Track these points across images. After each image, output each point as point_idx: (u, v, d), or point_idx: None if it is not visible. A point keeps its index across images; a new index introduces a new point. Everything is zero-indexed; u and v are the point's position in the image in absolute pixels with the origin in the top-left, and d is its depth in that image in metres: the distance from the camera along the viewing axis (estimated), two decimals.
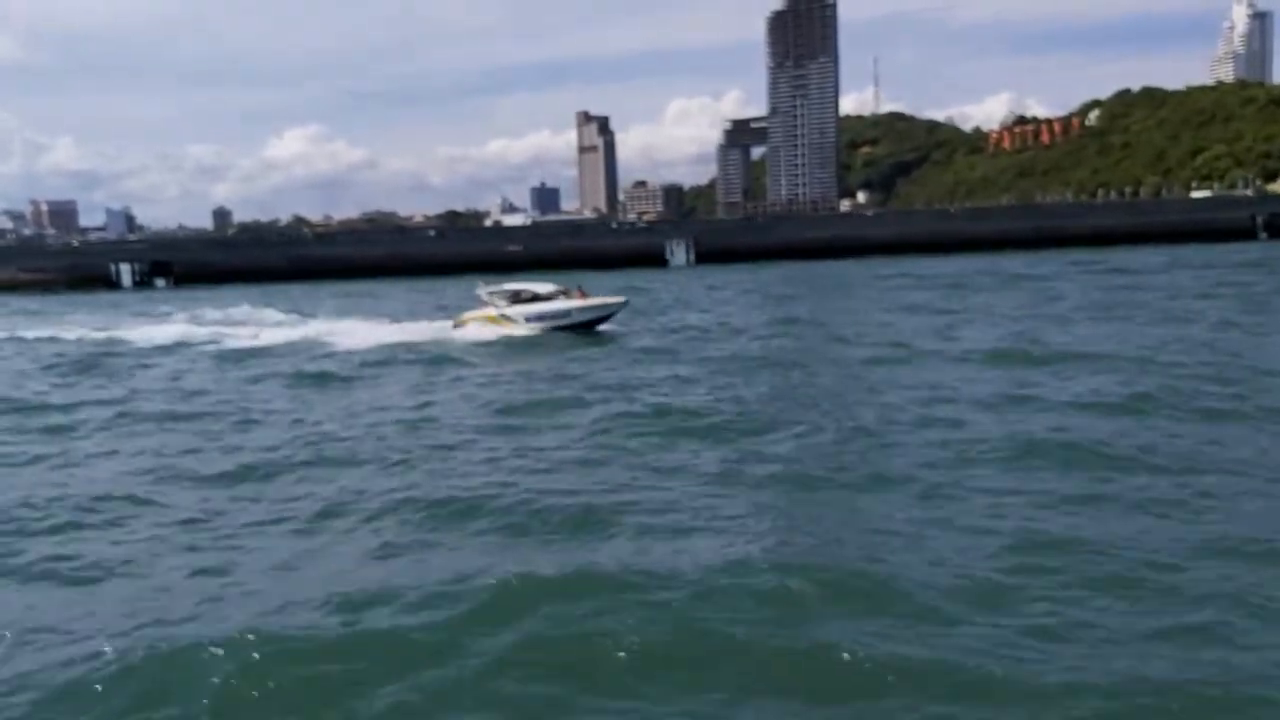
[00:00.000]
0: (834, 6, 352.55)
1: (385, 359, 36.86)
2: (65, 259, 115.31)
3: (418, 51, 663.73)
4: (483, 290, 45.02)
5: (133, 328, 53.37)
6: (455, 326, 44.41)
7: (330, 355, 38.67)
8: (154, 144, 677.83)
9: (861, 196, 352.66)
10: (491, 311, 43.63)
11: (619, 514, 15.24)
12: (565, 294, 43.74)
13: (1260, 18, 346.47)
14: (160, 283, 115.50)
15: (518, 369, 33.87)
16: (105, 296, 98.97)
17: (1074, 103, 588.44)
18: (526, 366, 34.29)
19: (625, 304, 45.08)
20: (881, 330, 39.46)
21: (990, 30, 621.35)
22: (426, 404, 26.91)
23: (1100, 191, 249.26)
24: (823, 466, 17.92)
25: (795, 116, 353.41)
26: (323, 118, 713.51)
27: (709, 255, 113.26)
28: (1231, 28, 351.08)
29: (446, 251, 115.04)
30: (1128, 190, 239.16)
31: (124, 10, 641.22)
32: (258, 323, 52.66)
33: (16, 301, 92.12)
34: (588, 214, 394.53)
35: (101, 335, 50.72)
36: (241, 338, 46.24)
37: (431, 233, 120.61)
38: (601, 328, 44.22)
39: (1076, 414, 21.43)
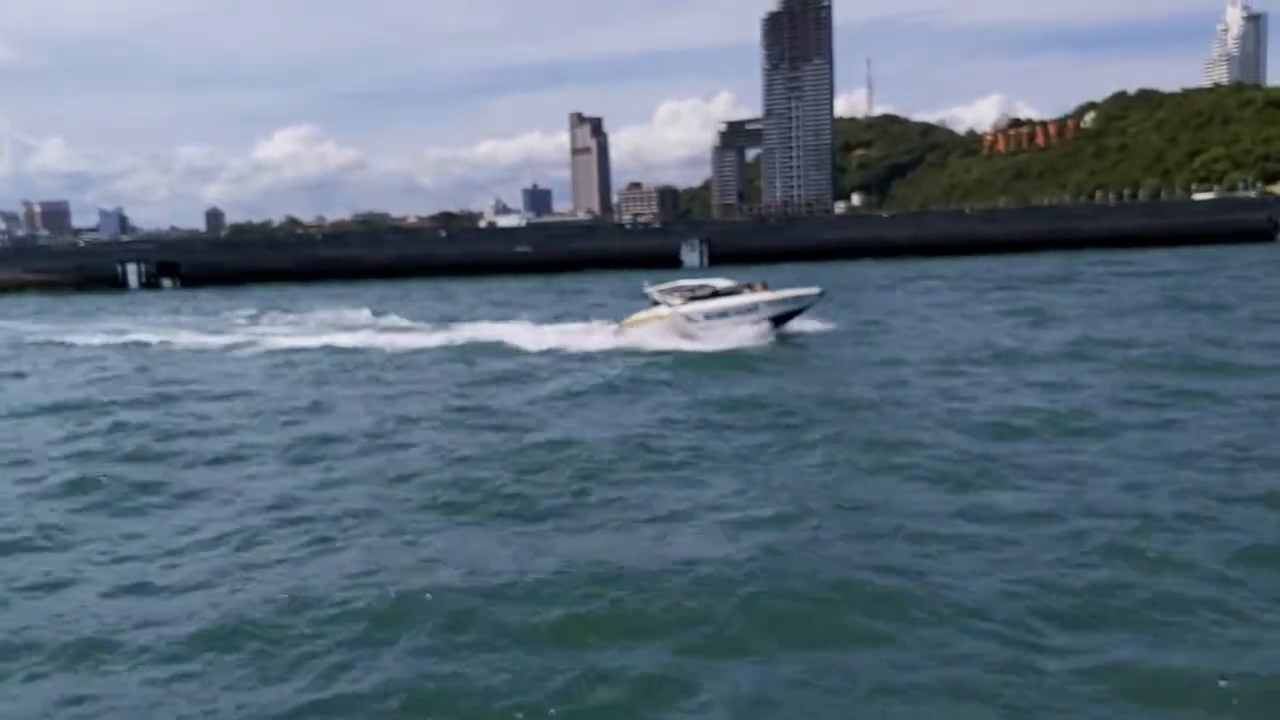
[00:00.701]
0: (829, 8, 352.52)
1: (633, 373, 32.21)
2: (72, 259, 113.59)
3: (408, 53, 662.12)
4: (652, 289, 41.08)
5: (271, 334, 49.56)
6: (620, 330, 40.37)
7: (587, 362, 34.92)
8: (145, 145, 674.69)
9: (856, 199, 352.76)
10: (666, 311, 39.45)
11: None
12: (749, 288, 39.82)
13: (1254, 20, 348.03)
14: (167, 283, 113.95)
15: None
16: (129, 298, 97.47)
17: (1063, 105, 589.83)
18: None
19: (821, 295, 40.73)
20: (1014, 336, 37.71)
21: (980, 34, 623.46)
22: None
23: (1099, 193, 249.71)
24: None
25: (790, 118, 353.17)
26: (313, 119, 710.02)
27: (722, 257, 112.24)
28: (1225, 30, 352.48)
29: (456, 253, 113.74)
30: (1126, 193, 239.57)
31: (114, 12, 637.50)
32: (396, 327, 49.45)
33: (32, 302, 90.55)
34: (581, 215, 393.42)
35: (262, 341, 46.48)
36: (411, 342, 42.56)
37: (442, 234, 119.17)
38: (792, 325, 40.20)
39: None
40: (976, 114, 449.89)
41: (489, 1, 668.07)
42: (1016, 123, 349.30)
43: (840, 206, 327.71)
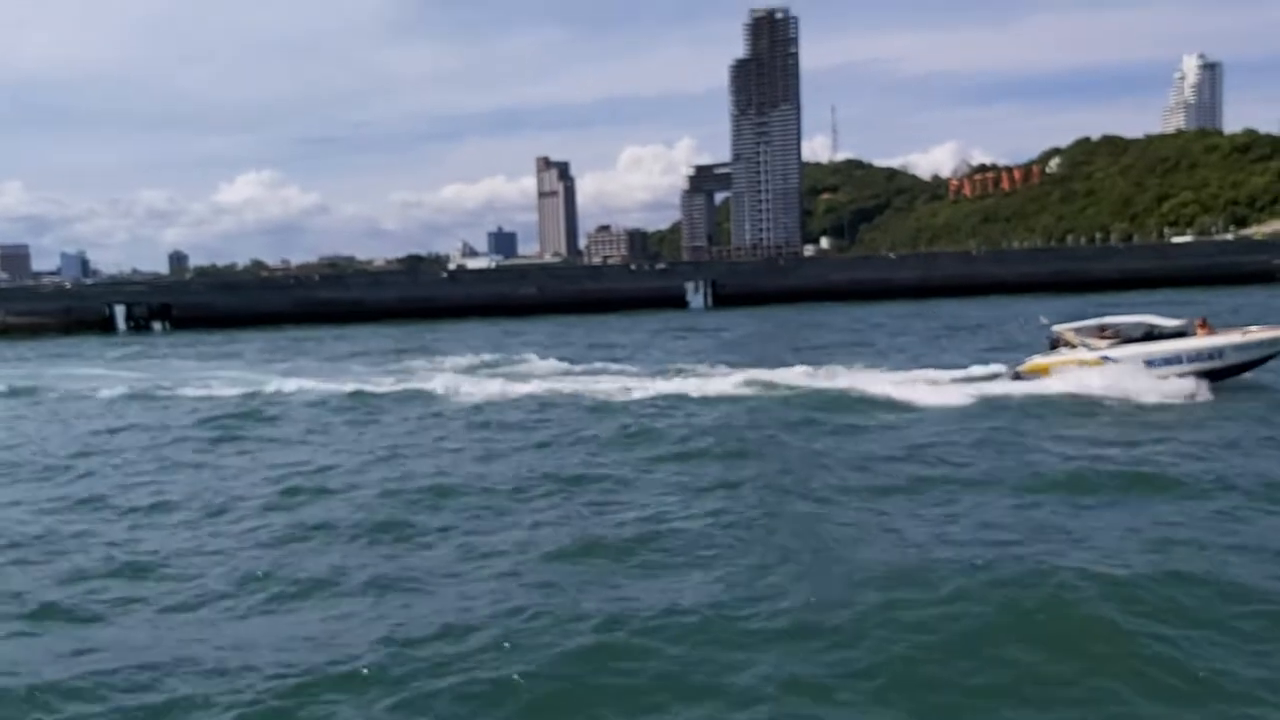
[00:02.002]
0: (796, 55, 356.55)
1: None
2: (59, 301, 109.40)
3: (368, 99, 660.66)
4: (1062, 328, 34.06)
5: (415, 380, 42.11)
6: (1016, 376, 33.73)
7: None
8: (104, 189, 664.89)
9: (825, 242, 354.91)
10: (1086, 355, 32.52)
11: None
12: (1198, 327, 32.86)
13: (1210, 68, 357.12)
14: (157, 326, 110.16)
15: None
16: (146, 341, 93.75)
17: (1017, 152, 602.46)
18: None
19: None
20: None
21: (935, 82, 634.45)
22: None
23: (1069, 237, 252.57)
24: None
25: (759, 163, 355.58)
26: (274, 163, 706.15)
27: (729, 298, 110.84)
28: (1183, 78, 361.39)
29: (459, 294, 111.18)
30: (1098, 236, 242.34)
31: (73, 56, 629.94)
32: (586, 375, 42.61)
33: (12, 349, 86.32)
34: (549, 258, 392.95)
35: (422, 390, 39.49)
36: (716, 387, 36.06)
37: (444, 275, 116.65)
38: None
39: None
40: (933, 160, 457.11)
41: (448, 48, 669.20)
42: (982, 168, 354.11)
43: (809, 249, 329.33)
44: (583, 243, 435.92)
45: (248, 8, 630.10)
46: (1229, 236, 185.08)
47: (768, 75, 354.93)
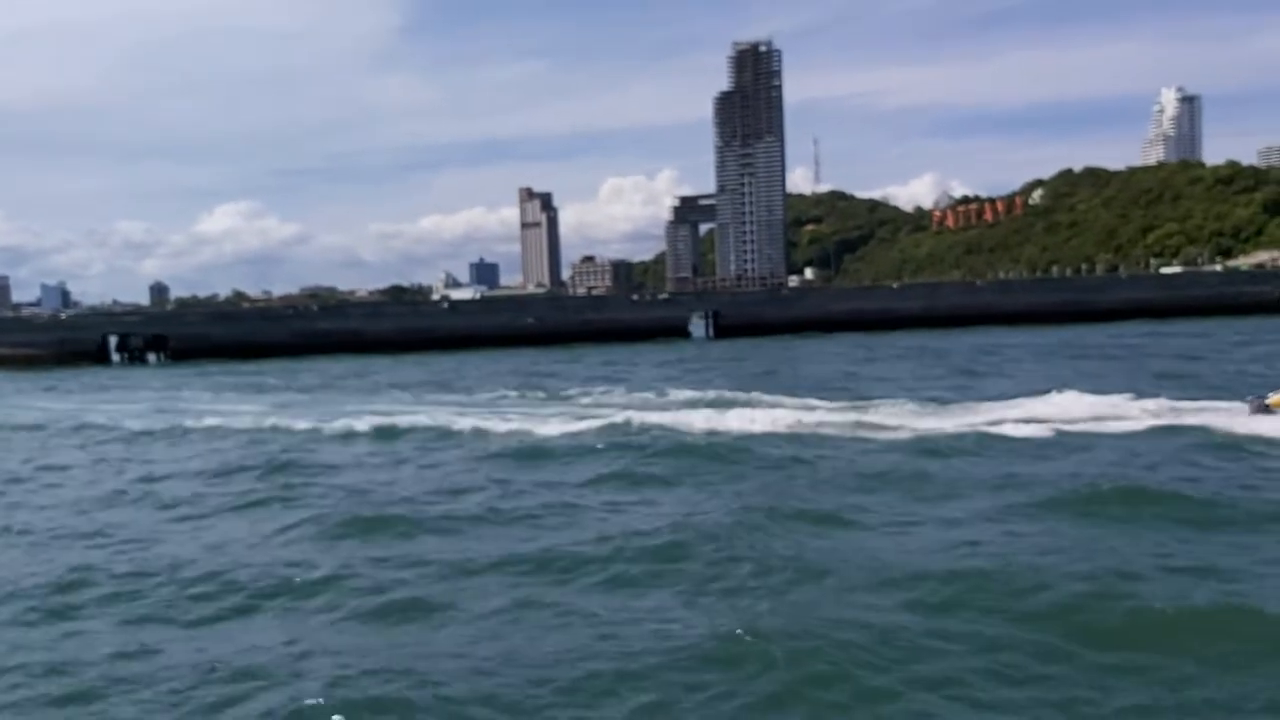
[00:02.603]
0: (779, 88, 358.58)
1: None
2: (53, 333, 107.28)
3: (347, 130, 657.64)
4: None
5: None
6: (1258, 409, 30.52)
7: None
8: (82, 219, 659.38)
9: (810, 273, 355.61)
10: None
11: None
12: None
13: (1189, 101, 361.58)
14: (152, 358, 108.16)
15: None
16: (131, 374, 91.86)
17: (997, 184, 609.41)
18: None
19: None
20: None
21: (914, 116, 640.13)
22: None
23: (1054, 268, 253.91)
24: None
25: (743, 194, 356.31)
26: (253, 194, 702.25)
27: (731, 329, 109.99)
28: (1161, 111, 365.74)
29: (460, 324, 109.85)
30: (1084, 267, 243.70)
31: (50, 86, 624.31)
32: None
33: (11, 382, 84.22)
34: (532, 288, 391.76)
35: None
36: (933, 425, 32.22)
37: (445, 305, 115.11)
38: None
39: None
40: (912, 192, 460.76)
41: (429, 80, 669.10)
42: (965, 199, 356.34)
43: (794, 280, 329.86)
44: (566, 273, 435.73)
45: (228, 39, 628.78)
46: (1218, 268, 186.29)
47: (752, 107, 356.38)
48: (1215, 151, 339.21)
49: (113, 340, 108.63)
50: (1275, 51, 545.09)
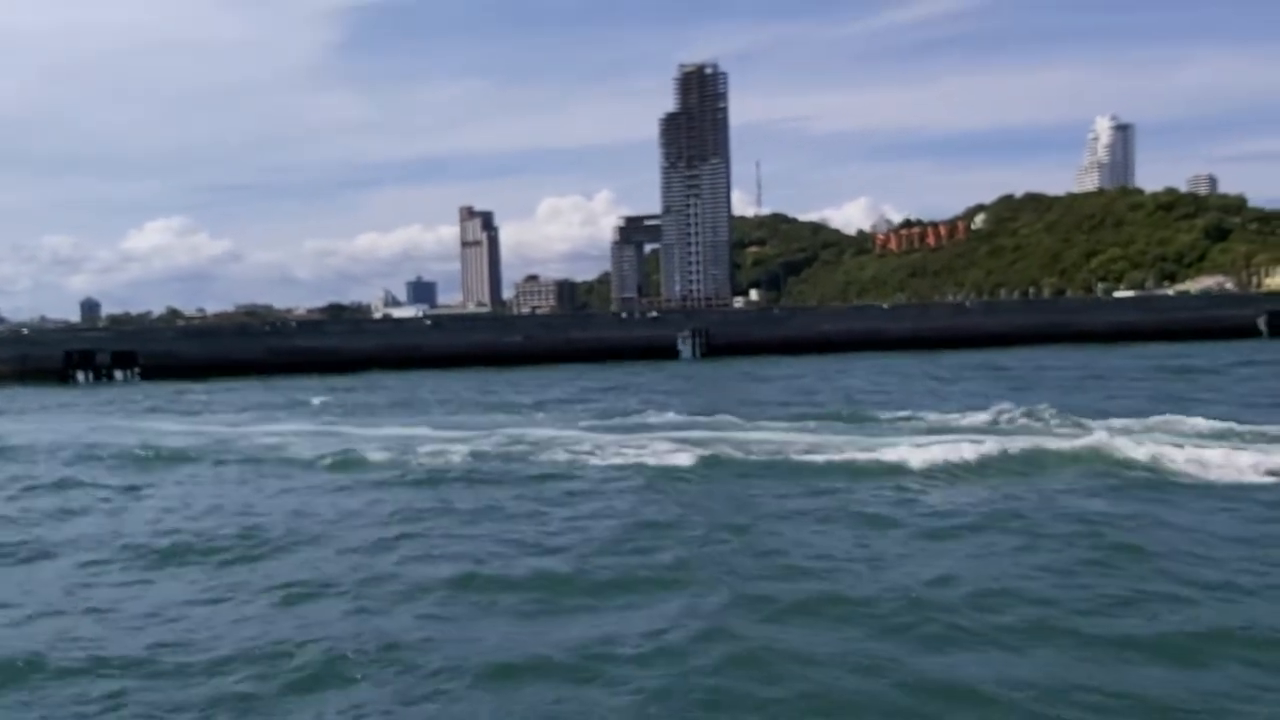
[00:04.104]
0: (725, 110, 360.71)
1: None
2: (14, 348, 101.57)
3: (280, 146, 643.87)
4: None
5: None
6: None
7: None
8: (6, 234, 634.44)
9: (755, 294, 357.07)
10: None
11: None
12: None
13: (1122, 129, 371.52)
14: (119, 375, 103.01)
15: None
16: (95, 393, 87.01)
17: (928, 208, 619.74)
18: None
19: None
20: None
21: (848, 140, 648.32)
22: None
23: (1002, 291, 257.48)
24: None
25: (689, 215, 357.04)
26: (184, 209, 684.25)
27: (720, 348, 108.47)
28: (1096, 139, 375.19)
29: (442, 343, 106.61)
30: (1031, 290, 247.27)
31: None
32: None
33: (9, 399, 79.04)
34: (473, 307, 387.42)
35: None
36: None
37: (427, 322, 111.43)
38: None
39: None
40: (846, 215, 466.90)
41: (366, 97, 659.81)
42: (907, 223, 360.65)
43: (739, 301, 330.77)
44: (506, 292, 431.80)
45: (161, 53, 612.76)
46: (1170, 291, 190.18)
47: (698, 129, 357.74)
48: (1146, 179, 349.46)
49: (76, 357, 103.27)
50: (1201, 82, 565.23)
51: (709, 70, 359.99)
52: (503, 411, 49.87)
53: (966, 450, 27.97)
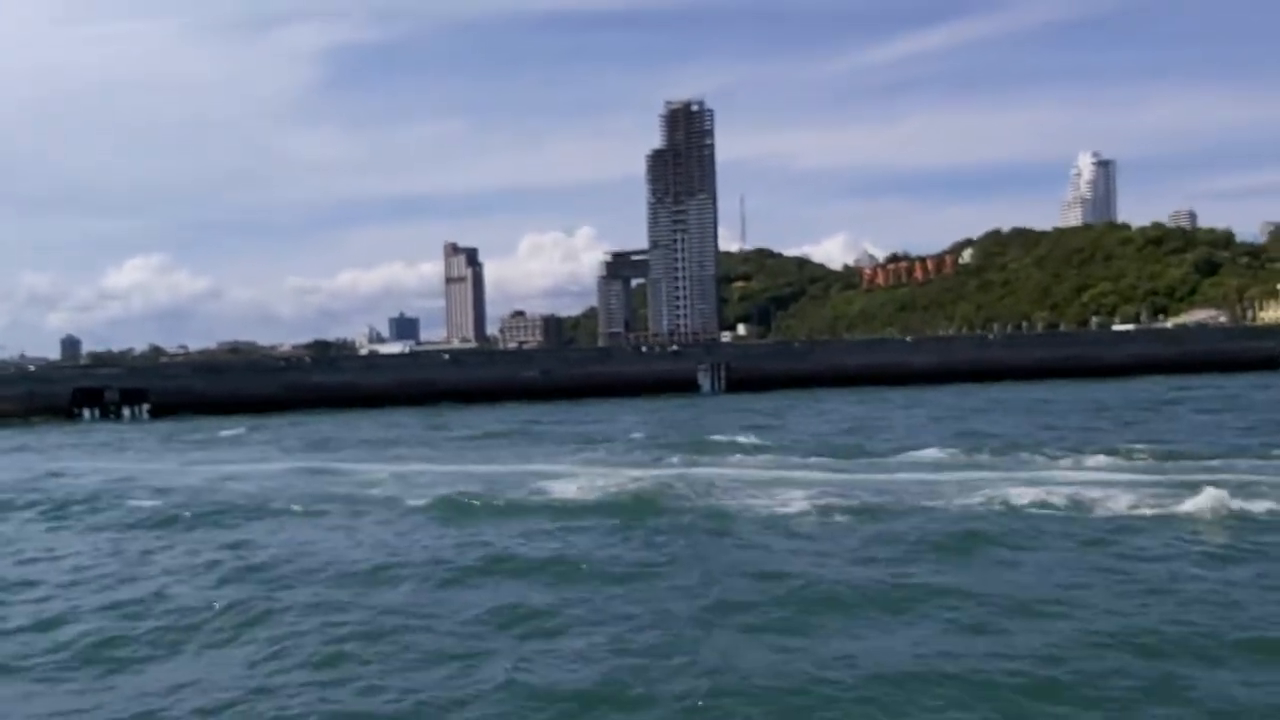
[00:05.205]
0: (712, 146, 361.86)
1: None
2: (20, 387, 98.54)
3: (261, 184, 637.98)
4: None
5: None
6: None
7: None
8: None
9: (742, 328, 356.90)
10: None
11: None
12: None
13: (1104, 165, 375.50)
14: (127, 412, 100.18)
15: None
16: (102, 430, 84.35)
17: (908, 244, 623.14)
18: None
19: None
20: None
21: (826, 177, 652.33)
22: None
23: (995, 326, 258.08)
24: None
25: (676, 250, 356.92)
26: (164, 247, 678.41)
27: (742, 383, 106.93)
28: (1079, 174, 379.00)
29: (460, 378, 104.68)
30: (1025, 325, 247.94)
31: None
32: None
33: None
34: (457, 343, 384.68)
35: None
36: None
37: (445, 357, 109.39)
38: None
39: None
40: (825, 251, 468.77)
41: (347, 134, 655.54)
42: (894, 258, 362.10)
43: (727, 336, 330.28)
44: (490, 328, 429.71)
45: (141, 90, 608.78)
46: (1168, 324, 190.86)
47: (684, 165, 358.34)
48: (1127, 214, 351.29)
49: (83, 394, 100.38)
50: (1174, 120, 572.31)
51: (695, 107, 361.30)
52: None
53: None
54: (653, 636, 16.44)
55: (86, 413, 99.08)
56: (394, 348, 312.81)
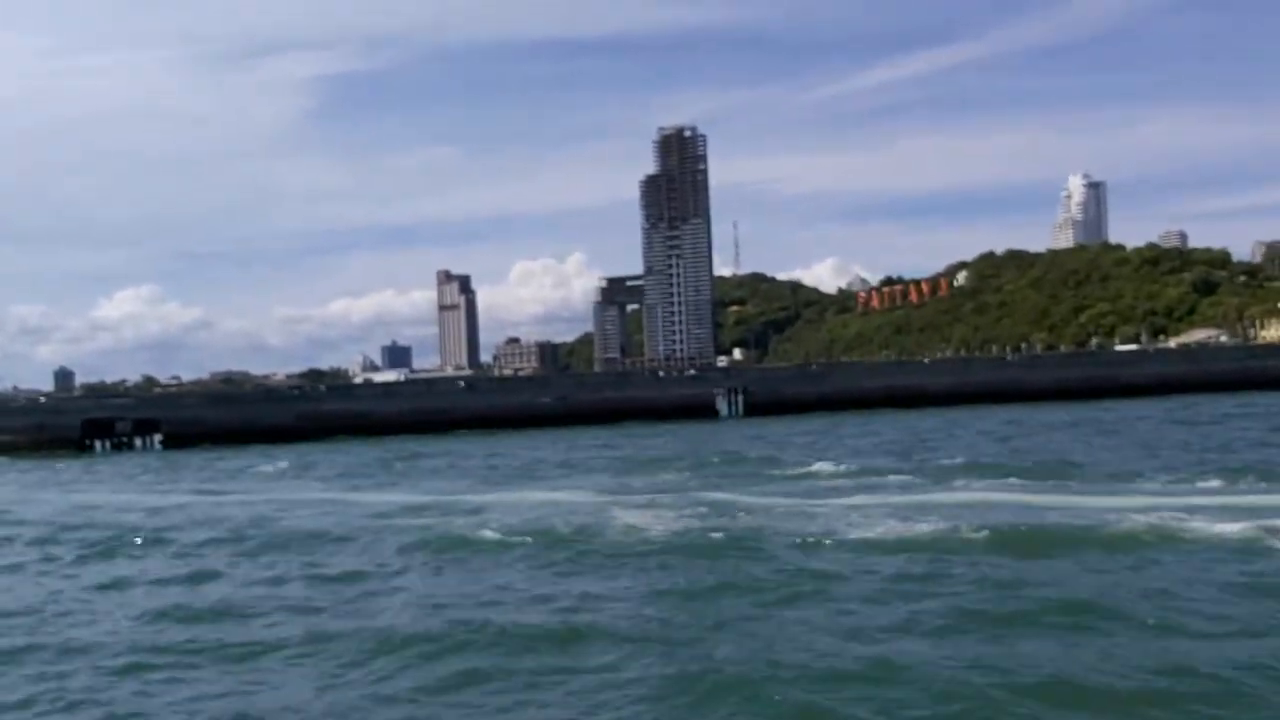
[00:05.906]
0: (705, 171, 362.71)
1: None
2: (31, 418, 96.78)
3: (250, 214, 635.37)
4: None
5: None
6: None
7: None
8: None
9: (738, 353, 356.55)
10: None
11: None
12: None
13: (1095, 187, 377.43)
14: (139, 443, 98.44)
15: None
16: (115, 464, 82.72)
17: (898, 268, 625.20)
18: None
19: None
20: None
21: (815, 201, 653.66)
22: None
23: (994, 348, 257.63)
24: None
25: (671, 275, 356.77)
26: (154, 278, 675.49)
27: (761, 407, 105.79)
28: (1069, 196, 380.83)
29: (476, 405, 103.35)
30: (1024, 346, 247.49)
31: None
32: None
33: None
34: (450, 371, 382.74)
35: None
36: None
37: (461, 384, 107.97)
38: None
39: None
40: (816, 276, 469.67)
41: (335, 164, 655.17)
42: (889, 281, 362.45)
43: (722, 360, 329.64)
44: (484, 355, 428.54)
45: (130, 121, 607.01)
46: (1171, 344, 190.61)
47: (678, 191, 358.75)
48: (1118, 235, 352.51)
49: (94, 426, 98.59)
50: (1166, 140, 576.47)
51: (688, 133, 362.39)
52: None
53: None
54: None
55: (98, 444, 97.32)
56: (387, 376, 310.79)
